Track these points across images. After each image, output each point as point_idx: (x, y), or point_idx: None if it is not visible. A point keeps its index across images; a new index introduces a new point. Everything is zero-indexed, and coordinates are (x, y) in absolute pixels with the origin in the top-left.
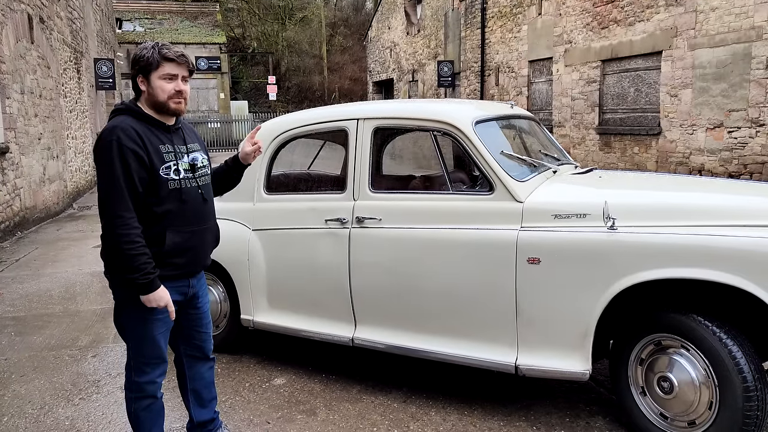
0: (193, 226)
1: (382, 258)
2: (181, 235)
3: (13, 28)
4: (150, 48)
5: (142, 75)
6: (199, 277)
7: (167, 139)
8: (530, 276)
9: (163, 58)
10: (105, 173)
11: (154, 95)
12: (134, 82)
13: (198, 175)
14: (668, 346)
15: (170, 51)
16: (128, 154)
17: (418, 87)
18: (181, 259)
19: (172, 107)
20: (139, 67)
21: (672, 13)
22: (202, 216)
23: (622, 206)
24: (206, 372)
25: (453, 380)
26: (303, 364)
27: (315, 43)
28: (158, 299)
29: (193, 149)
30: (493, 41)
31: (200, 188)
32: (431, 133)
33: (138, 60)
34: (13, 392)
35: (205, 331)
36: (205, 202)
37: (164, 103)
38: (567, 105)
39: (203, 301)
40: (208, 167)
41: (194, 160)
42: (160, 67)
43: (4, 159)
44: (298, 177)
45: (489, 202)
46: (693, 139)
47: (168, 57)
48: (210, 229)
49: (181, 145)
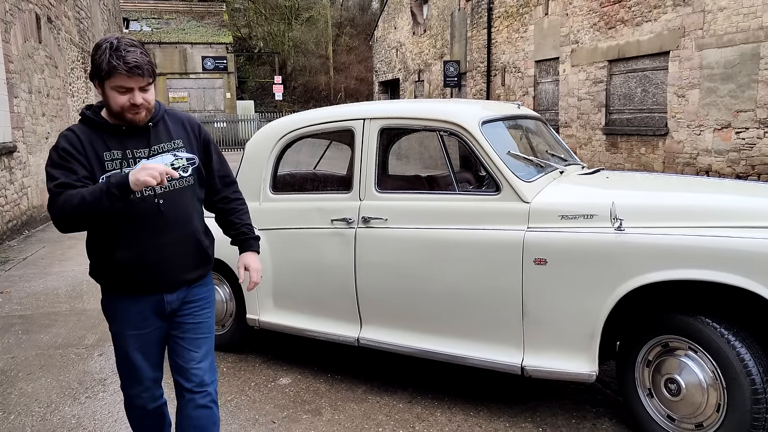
0: (149, 240)
1: (388, 258)
2: (133, 250)
3: (21, 27)
4: (104, 49)
5: (96, 79)
6: (184, 291)
7: (117, 143)
8: (537, 277)
9: (112, 69)
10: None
11: (108, 104)
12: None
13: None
14: (676, 348)
15: (121, 62)
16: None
17: (424, 87)
18: (140, 273)
19: (128, 117)
20: (92, 70)
21: (680, 13)
22: (160, 228)
23: (630, 207)
24: (193, 411)
25: (458, 381)
26: (308, 363)
27: (321, 43)
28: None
29: (160, 150)
30: (500, 41)
31: (157, 197)
32: (437, 133)
33: (92, 60)
34: (20, 390)
35: (194, 350)
36: (160, 213)
37: (119, 113)
38: (573, 105)
39: (197, 313)
40: (182, 169)
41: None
42: (112, 78)
43: (11, 158)
44: (304, 177)
45: (495, 203)
46: (700, 140)
47: (118, 70)
48: (179, 242)
49: (140, 148)
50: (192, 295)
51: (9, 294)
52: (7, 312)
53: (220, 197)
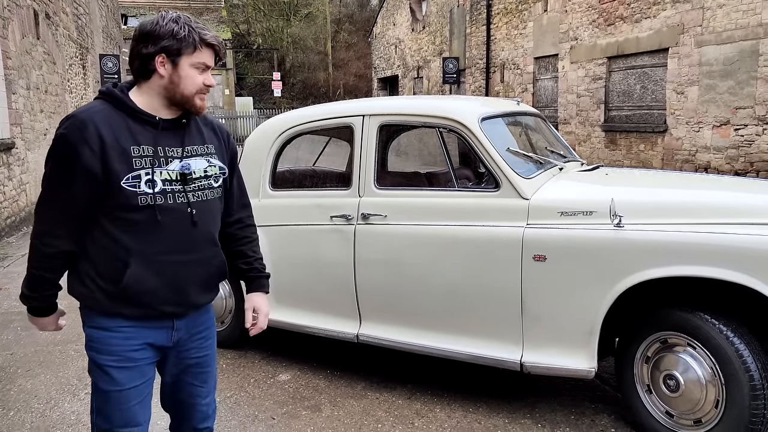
0: (173, 255)
1: (387, 255)
2: (152, 266)
3: (19, 23)
4: (182, 24)
5: (167, 55)
6: (193, 318)
7: (149, 138)
8: (536, 273)
9: (202, 42)
10: (45, 173)
11: (179, 85)
12: (144, 63)
13: (192, 188)
14: (674, 344)
15: (208, 34)
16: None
17: (422, 84)
18: (156, 296)
19: (197, 104)
20: (165, 44)
21: (679, 10)
22: (189, 243)
23: (629, 204)
24: None
25: (457, 377)
26: (308, 360)
27: (320, 40)
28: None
29: (194, 153)
30: (499, 38)
31: (191, 206)
32: (437, 130)
33: (162, 35)
34: (19, 387)
35: (200, 385)
36: (194, 225)
37: (189, 98)
38: (572, 102)
39: (203, 345)
40: (214, 178)
41: (186, 167)
42: (196, 53)
43: (10, 154)
44: (303, 173)
45: (495, 199)
46: (699, 137)
47: (208, 42)
48: (203, 261)
49: (173, 146)
50: (198, 324)
51: (8, 290)
52: (6, 308)
53: (235, 219)
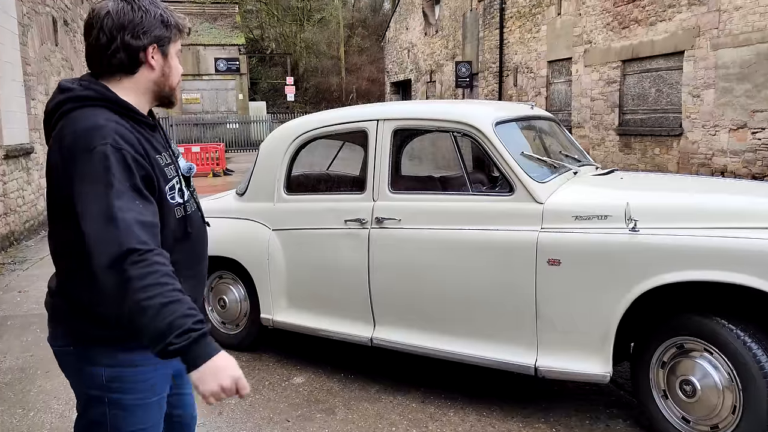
0: (197, 267)
1: (401, 258)
2: (187, 283)
3: (38, 30)
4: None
5: (158, 45)
6: None
7: (159, 144)
8: (550, 277)
9: (182, 26)
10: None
11: (169, 77)
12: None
13: (192, 190)
14: (691, 350)
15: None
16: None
17: (435, 88)
18: None
19: (177, 97)
20: (157, 34)
21: (694, 13)
22: (204, 251)
23: (644, 208)
24: None
25: (471, 381)
26: (322, 363)
27: (333, 44)
28: (218, 373)
29: (177, 154)
30: (512, 41)
31: (200, 210)
32: (451, 134)
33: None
34: (39, 387)
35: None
36: (205, 233)
37: (174, 90)
38: (586, 105)
39: None
40: None
41: (190, 169)
42: (179, 39)
43: (29, 159)
44: (317, 177)
45: (509, 203)
46: (715, 140)
47: (183, 28)
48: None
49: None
50: None
51: (27, 293)
52: (25, 311)
53: None
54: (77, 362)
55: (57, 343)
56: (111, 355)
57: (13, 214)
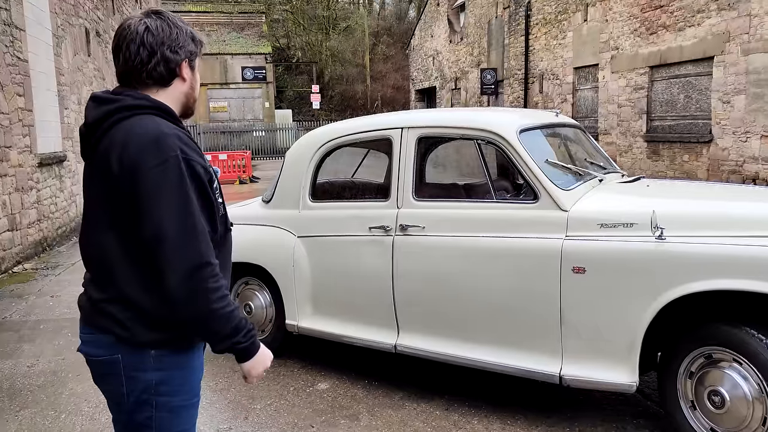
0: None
1: (425, 266)
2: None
3: (72, 42)
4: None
5: (189, 60)
6: None
7: None
8: (575, 285)
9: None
10: (170, 204)
11: (195, 89)
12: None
13: None
14: (720, 360)
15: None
16: (198, 175)
17: (460, 95)
18: None
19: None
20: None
21: (724, 18)
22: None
23: (671, 216)
24: None
25: (495, 388)
26: (346, 369)
27: (358, 53)
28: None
29: None
30: (538, 48)
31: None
32: (475, 142)
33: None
34: (70, 390)
35: None
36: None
37: (195, 102)
38: (613, 112)
39: None
40: None
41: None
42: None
43: (61, 167)
44: (342, 185)
45: (533, 211)
46: (746, 147)
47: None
48: None
49: None
50: None
51: (59, 297)
52: (57, 315)
53: None
54: (125, 369)
55: (100, 352)
56: (163, 359)
57: (46, 220)
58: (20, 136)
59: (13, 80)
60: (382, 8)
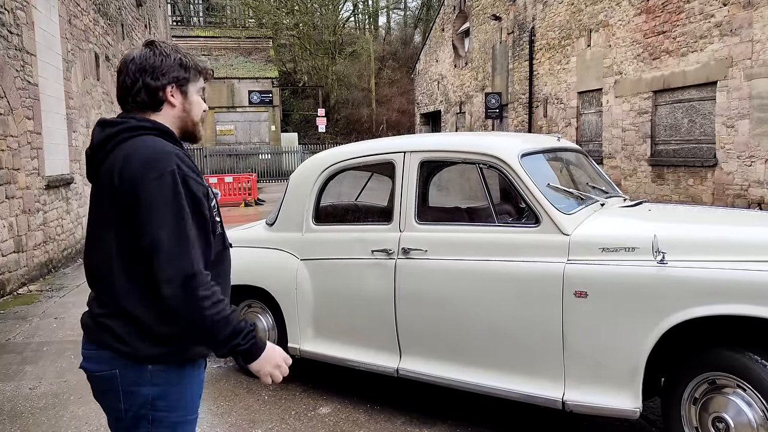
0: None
1: (428, 289)
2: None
3: (81, 66)
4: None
5: (177, 86)
6: None
7: None
8: (577, 310)
9: (201, 69)
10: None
11: (190, 113)
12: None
13: None
14: (723, 386)
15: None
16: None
17: (465, 119)
18: None
19: (200, 132)
20: (175, 75)
21: (727, 43)
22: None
23: (673, 240)
24: None
25: (498, 414)
26: (348, 393)
27: (364, 77)
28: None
29: None
30: (541, 73)
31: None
32: (477, 166)
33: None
34: (71, 413)
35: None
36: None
37: (197, 124)
38: (617, 136)
39: None
40: None
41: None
42: (199, 80)
43: (68, 189)
44: (345, 208)
45: (535, 235)
46: (751, 171)
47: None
48: None
49: None
50: None
51: (63, 320)
52: (60, 337)
53: None
54: (123, 384)
55: (99, 367)
56: (160, 374)
57: (52, 242)
58: (28, 158)
59: (23, 104)
60: (388, 33)
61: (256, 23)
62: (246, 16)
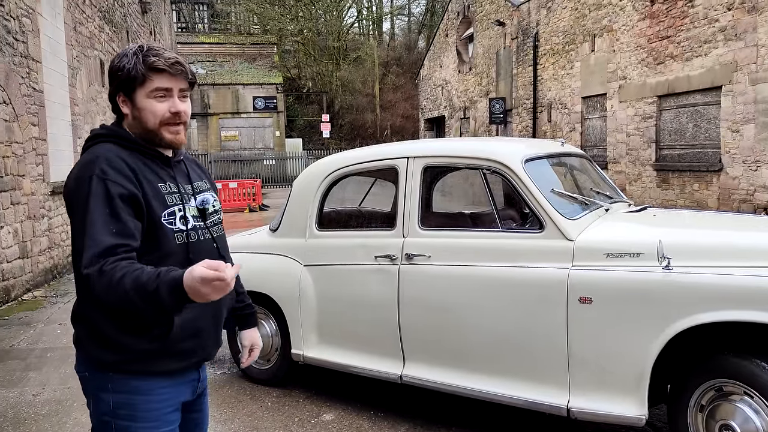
0: None
1: (431, 295)
2: (192, 310)
3: (86, 73)
4: (132, 54)
5: (123, 93)
6: (203, 367)
7: (168, 175)
8: (582, 316)
9: (150, 68)
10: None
11: (141, 120)
12: (113, 102)
13: (210, 223)
14: (730, 393)
15: (160, 58)
16: (116, 196)
17: (469, 124)
18: (189, 342)
19: (167, 138)
20: (118, 82)
21: (731, 48)
22: None
23: (678, 245)
24: None
25: (503, 420)
26: (352, 399)
27: (368, 82)
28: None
29: (201, 188)
30: (546, 78)
31: (215, 240)
32: (481, 172)
33: (116, 72)
34: (74, 420)
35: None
36: (222, 259)
37: (155, 131)
38: (622, 141)
39: (205, 399)
40: (220, 213)
41: (204, 202)
42: (147, 82)
43: None
44: (349, 214)
45: (539, 240)
46: (757, 176)
47: (157, 67)
48: (226, 301)
49: (185, 183)
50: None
51: (67, 326)
52: (64, 343)
53: None
54: (92, 388)
55: (78, 368)
56: (122, 382)
57: (57, 248)
58: (33, 164)
59: (28, 110)
60: (392, 39)
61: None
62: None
